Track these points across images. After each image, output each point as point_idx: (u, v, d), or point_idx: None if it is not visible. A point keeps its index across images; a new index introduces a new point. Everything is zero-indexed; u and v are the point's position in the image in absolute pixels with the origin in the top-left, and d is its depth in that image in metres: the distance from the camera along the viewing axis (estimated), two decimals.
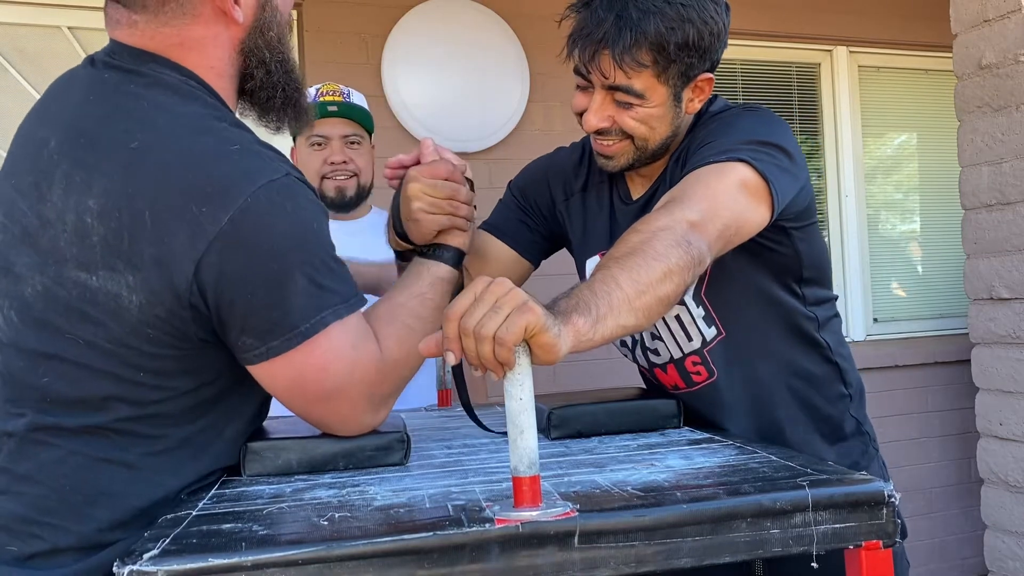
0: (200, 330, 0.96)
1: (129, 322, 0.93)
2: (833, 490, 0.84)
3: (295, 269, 0.96)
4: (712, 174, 1.14)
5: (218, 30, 1.05)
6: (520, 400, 0.80)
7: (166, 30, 1.03)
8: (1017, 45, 2.17)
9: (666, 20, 1.17)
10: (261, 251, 0.94)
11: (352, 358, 1.01)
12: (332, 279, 1.00)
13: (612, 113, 1.25)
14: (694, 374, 1.36)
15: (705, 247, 1.05)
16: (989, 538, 2.36)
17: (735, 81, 3.57)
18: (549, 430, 1.22)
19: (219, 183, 0.93)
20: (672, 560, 0.80)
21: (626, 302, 0.93)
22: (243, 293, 0.94)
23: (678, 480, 0.91)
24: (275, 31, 1.10)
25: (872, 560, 0.84)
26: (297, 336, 0.97)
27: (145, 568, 0.70)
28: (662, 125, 1.26)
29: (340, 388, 1.02)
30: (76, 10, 2.69)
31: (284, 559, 0.73)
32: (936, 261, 3.89)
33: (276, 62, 1.11)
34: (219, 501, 0.93)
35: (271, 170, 0.97)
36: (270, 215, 0.95)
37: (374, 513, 0.83)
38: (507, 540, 0.76)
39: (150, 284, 0.92)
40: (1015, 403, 2.25)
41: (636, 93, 1.22)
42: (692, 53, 1.20)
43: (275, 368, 0.99)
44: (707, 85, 1.28)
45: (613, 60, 1.19)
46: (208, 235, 0.91)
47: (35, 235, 0.96)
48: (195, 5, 1.03)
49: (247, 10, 1.06)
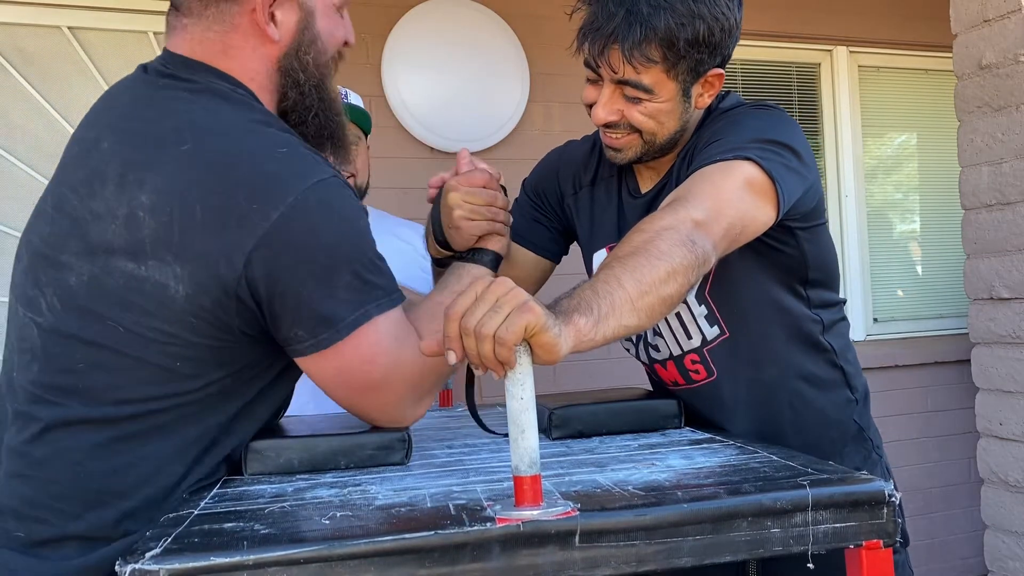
0: (243, 323, 0.99)
1: (174, 311, 0.96)
2: (833, 490, 0.84)
3: (343, 264, 1.00)
4: (718, 172, 1.14)
5: (255, 43, 1.08)
6: (521, 400, 0.80)
7: (210, 35, 1.07)
8: (1017, 45, 2.17)
9: (676, 16, 1.17)
10: (311, 247, 0.98)
11: (396, 351, 1.05)
12: (376, 274, 1.04)
13: (621, 107, 1.25)
14: (692, 372, 1.36)
15: (710, 246, 1.05)
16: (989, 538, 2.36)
17: (735, 81, 3.57)
18: (550, 430, 1.22)
19: (269, 181, 0.97)
20: (673, 559, 0.80)
21: (628, 302, 0.93)
22: (294, 287, 0.98)
23: (679, 480, 0.92)
24: (313, 56, 1.12)
25: (872, 560, 0.84)
26: (345, 328, 1.00)
27: (147, 567, 0.70)
28: (670, 120, 1.26)
29: (385, 379, 1.05)
30: (76, 10, 2.69)
31: (286, 558, 0.73)
32: (936, 261, 3.89)
33: (311, 86, 1.13)
34: (221, 500, 0.93)
35: (319, 171, 1.02)
36: (319, 213, 0.99)
37: (375, 512, 0.84)
38: (508, 539, 0.77)
39: (197, 276, 0.95)
40: (1015, 403, 2.25)
41: (645, 88, 1.22)
42: (702, 49, 1.20)
43: (325, 359, 1.02)
44: (717, 80, 1.28)
45: (623, 55, 1.19)
46: (258, 231, 0.95)
47: (84, 227, 0.99)
48: (234, 15, 1.07)
49: (284, 30, 1.09)
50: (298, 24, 1.10)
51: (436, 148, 2.93)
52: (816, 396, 1.35)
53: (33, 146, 2.67)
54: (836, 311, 1.39)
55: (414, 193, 2.78)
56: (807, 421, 1.35)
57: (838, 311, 1.40)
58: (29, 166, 2.66)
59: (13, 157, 2.65)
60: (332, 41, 1.15)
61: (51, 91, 2.68)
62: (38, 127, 2.67)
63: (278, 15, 1.08)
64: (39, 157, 2.67)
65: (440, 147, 2.92)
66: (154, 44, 2.78)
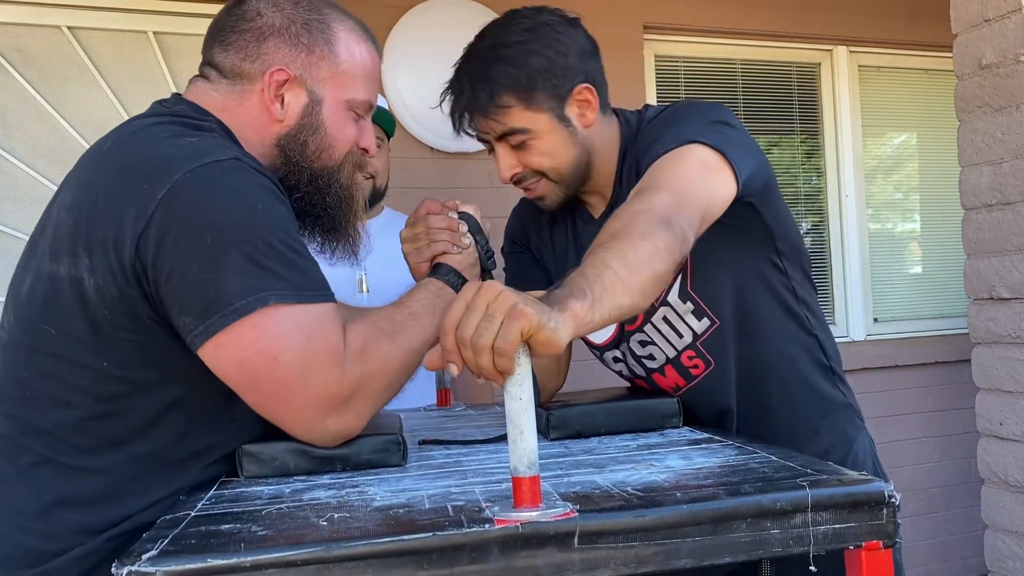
0: (151, 311, 0.96)
1: (91, 305, 0.96)
2: (833, 490, 0.84)
3: (232, 246, 0.94)
4: (672, 160, 1.17)
5: (262, 118, 1.12)
6: (520, 400, 0.80)
7: (217, 96, 1.12)
8: (1017, 45, 2.17)
9: (509, 62, 1.26)
10: (195, 226, 0.94)
11: (306, 350, 0.97)
12: (279, 263, 0.97)
13: (516, 159, 1.32)
14: (692, 368, 1.37)
15: (687, 225, 1.07)
16: (989, 538, 2.36)
17: (735, 81, 3.57)
18: (548, 431, 1.22)
19: (162, 161, 0.96)
20: (672, 560, 0.80)
21: (619, 282, 0.93)
22: (178, 268, 0.93)
23: (678, 480, 0.91)
24: (313, 144, 1.14)
25: (872, 560, 0.84)
26: (233, 312, 0.93)
27: (143, 569, 0.70)
28: (564, 148, 1.32)
29: (294, 380, 0.97)
30: (76, 10, 2.69)
31: (283, 560, 0.72)
32: (936, 261, 3.89)
33: (305, 169, 1.14)
34: (217, 502, 0.93)
35: (218, 153, 0.98)
36: (208, 191, 0.95)
37: (373, 514, 0.83)
38: (507, 540, 0.76)
39: (101, 264, 0.95)
40: (1015, 403, 2.25)
41: (520, 130, 1.29)
42: (548, 76, 1.27)
43: (220, 351, 0.95)
44: (589, 95, 1.32)
45: (483, 116, 1.29)
46: (148, 211, 0.93)
47: (35, 243, 1.04)
48: (244, 90, 1.12)
49: (290, 111, 1.13)
50: (304, 109, 1.13)
51: (436, 148, 2.93)
52: (800, 366, 1.39)
53: (33, 146, 2.66)
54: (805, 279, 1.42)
55: (414, 193, 2.77)
56: (794, 393, 1.38)
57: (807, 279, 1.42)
58: (29, 166, 2.66)
59: (13, 157, 2.65)
60: (341, 138, 1.17)
61: (51, 91, 2.68)
62: (38, 127, 2.67)
63: (287, 97, 1.12)
64: (39, 157, 2.67)
65: (440, 147, 2.92)
66: (154, 44, 2.78)
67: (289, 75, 1.11)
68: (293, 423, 1.01)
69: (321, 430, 1.02)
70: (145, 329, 0.97)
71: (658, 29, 3.34)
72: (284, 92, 1.12)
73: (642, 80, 3.26)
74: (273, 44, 1.11)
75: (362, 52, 1.17)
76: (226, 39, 1.13)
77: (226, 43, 1.13)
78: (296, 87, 1.12)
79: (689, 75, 3.50)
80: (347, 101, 1.16)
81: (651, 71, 3.40)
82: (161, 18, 2.77)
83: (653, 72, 3.41)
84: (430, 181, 2.91)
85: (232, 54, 1.12)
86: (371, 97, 1.20)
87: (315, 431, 1.02)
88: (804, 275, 1.41)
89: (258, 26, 1.11)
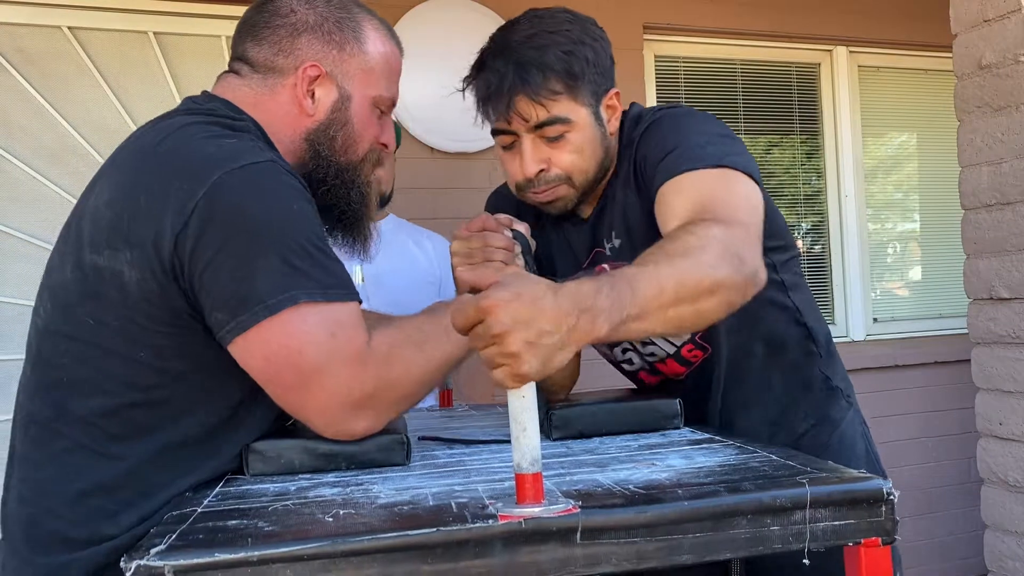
0: (187, 306, 0.99)
1: (131, 298, 0.98)
2: (832, 488, 0.85)
3: (267, 246, 0.97)
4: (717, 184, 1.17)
5: (291, 111, 1.14)
6: (523, 398, 0.80)
7: (249, 91, 1.14)
8: (1017, 45, 2.18)
9: (561, 48, 1.23)
10: (233, 226, 0.96)
11: (330, 346, 0.99)
12: (309, 263, 0.99)
13: (546, 154, 1.27)
14: (691, 358, 1.40)
15: (755, 262, 1.05)
16: (989, 538, 2.37)
17: (735, 81, 3.57)
18: (551, 431, 1.22)
19: (201, 162, 0.98)
20: (673, 556, 0.81)
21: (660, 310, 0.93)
22: (213, 266, 0.96)
23: (679, 479, 0.92)
24: (341, 138, 1.16)
25: (871, 557, 0.84)
26: (263, 310, 0.96)
27: (152, 563, 0.71)
28: (594, 149, 1.29)
29: (318, 375, 0.99)
30: (76, 10, 2.69)
31: (289, 554, 0.73)
32: (936, 261, 3.89)
33: (332, 163, 1.16)
34: (224, 499, 0.93)
35: (255, 155, 1.01)
36: (245, 192, 0.98)
37: (378, 510, 0.84)
38: (510, 536, 0.77)
39: (144, 260, 0.97)
40: (1015, 403, 2.25)
41: (563, 119, 1.25)
42: (594, 69, 1.26)
43: (248, 345, 0.98)
44: (617, 100, 1.33)
45: (530, 100, 1.23)
46: (187, 210, 0.96)
47: (70, 231, 1.05)
48: (277, 85, 1.14)
49: (321, 106, 1.15)
50: (334, 104, 1.16)
51: (436, 148, 2.93)
52: (785, 351, 1.40)
53: (33, 146, 2.67)
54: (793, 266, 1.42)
55: (413, 193, 2.78)
56: (776, 376, 1.40)
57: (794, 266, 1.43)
58: (29, 166, 2.66)
59: (13, 157, 2.65)
60: (366, 134, 1.19)
61: (51, 91, 2.69)
62: (38, 127, 2.68)
63: (318, 92, 1.14)
64: (39, 157, 2.68)
65: (440, 147, 2.93)
66: (154, 44, 2.78)
67: (321, 71, 1.14)
68: (313, 416, 1.03)
69: (339, 426, 1.03)
70: (181, 323, 0.99)
71: (658, 29, 3.35)
72: (315, 87, 1.14)
73: (642, 80, 3.27)
74: (307, 40, 1.14)
75: (389, 50, 1.20)
76: (259, 34, 1.15)
77: (259, 38, 1.15)
78: (327, 82, 1.15)
79: (689, 75, 3.50)
80: (373, 98, 1.19)
81: (651, 71, 3.41)
82: (161, 18, 2.78)
83: (653, 72, 3.42)
84: (430, 182, 2.92)
85: (266, 48, 1.14)
86: (395, 95, 1.23)
87: (333, 426, 1.04)
88: (791, 262, 1.42)
89: (292, 22, 1.14)
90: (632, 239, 1.33)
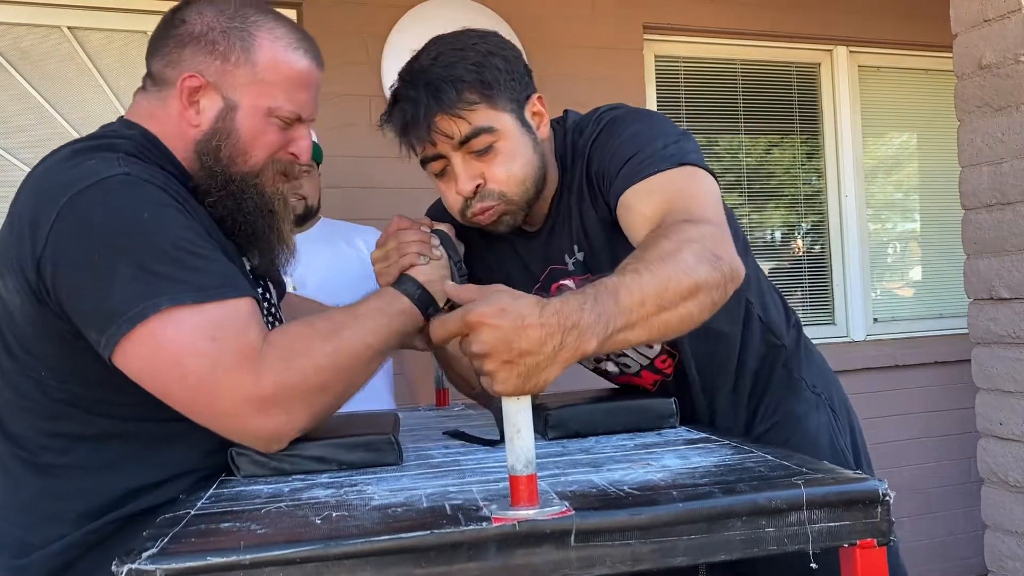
0: (65, 324, 0.99)
1: (18, 323, 1.02)
2: (827, 489, 0.84)
3: (118, 258, 0.96)
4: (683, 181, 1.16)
5: (180, 122, 1.14)
6: (517, 400, 0.80)
7: (146, 104, 1.17)
8: (1017, 45, 2.17)
9: (470, 60, 1.22)
10: (82, 244, 0.97)
11: (212, 352, 0.95)
12: (174, 267, 0.97)
13: (478, 168, 1.24)
14: (664, 368, 1.40)
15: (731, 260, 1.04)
16: (989, 538, 2.36)
17: (735, 81, 3.57)
18: (546, 430, 1.22)
19: (55, 188, 1.00)
20: (668, 558, 0.80)
21: (644, 320, 0.92)
22: (77, 287, 0.97)
23: (674, 479, 0.92)
24: (226, 148, 1.14)
25: (867, 559, 0.84)
26: (125, 323, 0.94)
27: (144, 567, 0.71)
28: (526, 155, 1.25)
29: (204, 383, 0.96)
30: (76, 10, 2.69)
31: (282, 558, 0.73)
32: (936, 261, 3.89)
33: (218, 172, 1.14)
34: (217, 501, 0.93)
35: (107, 171, 1.01)
36: (92, 209, 0.98)
37: (371, 512, 0.84)
38: (504, 539, 0.77)
39: (19, 286, 1.00)
40: (1015, 403, 2.25)
41: (486, 129, 1.22)
42: (508, 76, 1.24)
43: (125, 360, 0.96)
44: (541, 104, 1.30)
45: (448, 116, 1.20)
46: (43, 235, 0.97)
47: None
48: (166, 96, 1.15)
49: (205, 117, 1.14)
50: (218, 114, 1.14)
51: None
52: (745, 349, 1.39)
53: (33, 146, 2.67)
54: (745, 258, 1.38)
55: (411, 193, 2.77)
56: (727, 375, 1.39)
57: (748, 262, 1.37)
58: (29, 166, 2.66)
59: (13, 157, 2.65)
60: (258, 144, 1.16)
61: (51, 91, 2.69)
62: (38, 127, 2.68)
63: (202, 102, 1.14)
64: (39, 157, 2.66)
65: None
66: None
67: (202, 81, 1.13)
68: (218, 426, 1.00)
69: (247, 431, 1.00)
70: (67, 342, 1.01)
71: (658, 29, 3.35)
72: (200, 97, 1.13)
73: (642, 80, 3.27)
74: (190, 51, 1.13)
75: (288, 61, 1.16)
76: (156, 46, 1.17)
77: (156, 50, 1.17)
78: (211, 92, 1.13)
79: (689, 75, 3.50)
80: (268, 108, 1.15)
81: (651, 71, 3.40)
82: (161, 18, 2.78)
83: (653, 72, 3.41)
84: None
85: (158, 60, 1.16)
86: (298, 106, 1.18)
87: (242, 433, 1.01)
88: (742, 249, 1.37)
89: (180, 33, 1.14)
90: (594, 251, 1.31)
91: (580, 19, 3.12)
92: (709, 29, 3.41)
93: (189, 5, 1.16)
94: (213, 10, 1.14)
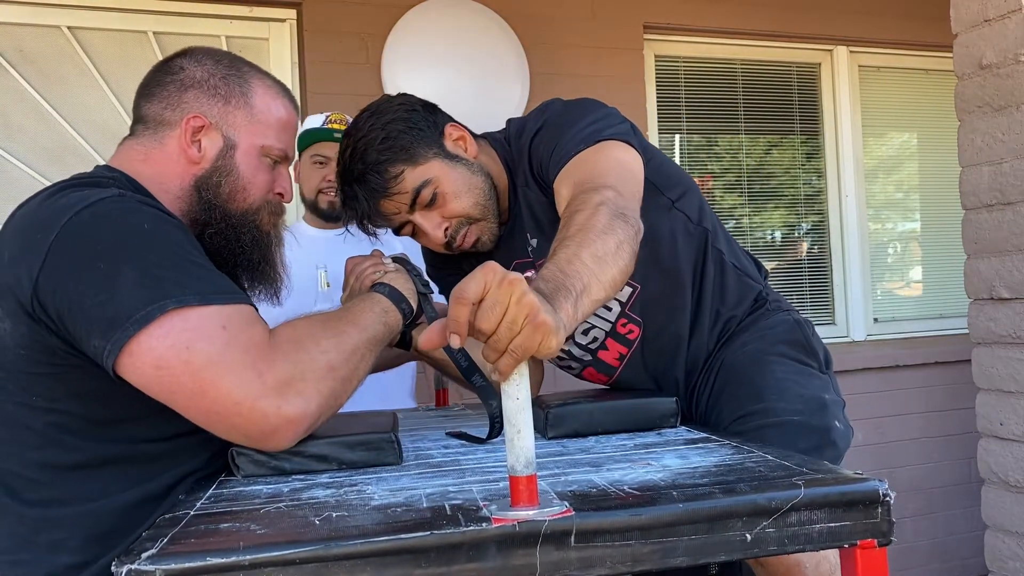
0: (60, 342, 1.01)
1: (10, 347, 1.03)
2: (828, 489, 0.84)
3: (125, 265, 0.98)
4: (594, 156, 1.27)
5: (181, 160, 1.19)
6: (517, 400, 0.80)
7: (138, 148, 1.20)
8: (1017, 45, 2.17)
9: (375, 142, 1.35)
10: (86, 256, 0.99)
11: (222, 337, 0.97)
12: (178, 273, 0.99)
13: (437, 217, 1.38)
14: (628, 334, 1.44)
15: (636, 215, 1.14)
16: (989, 538, 2.36)
17: (735, 81, 3.57)
18: (546, 429, 1.22)
19: (52, 213, 1.03)
20: (668, 559, 0.80)
21: (594, 278, 0.98)
22: (76, 298, 0.98)
23: (674, 479, 0.92)
24: (227, 184, 1.21)
25: (867, 559, 0.84)
26: (133, 324, 0.95)
27: (143, 567, 0.70)
28: (469, 181, 1.39)
29: (213, 366, 0.96)
30: (76, 10, 2.70)
31: (282, 558, 0.73)
32: (936, 261, 3.89)
33: (218, 207, 1.20)
34: (217, 501, 0.93)
35: (103, 194, 1.05)
36: (94, 224, 1.01)
37: (371, 512, 0.84)
38: (504, 539, 0.77)
39: (10, 307, 1.01)
40: (1015, 403, 2.25)
41: (423, 184, 1.35)
42: (412, 130, 1.37)
43: (133, 361, 0.96)
44: (458, 131, 1.42)
45: (387, 198, 1.36)
46: (42, 253, 0.99)
47: None
48: (164, 136, 1.20)
49: (206, 154, 1.20)
50: (219, 152, 1.20)
51: None
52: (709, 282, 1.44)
53: (33, 146, 2.67)
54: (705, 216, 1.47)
55: None
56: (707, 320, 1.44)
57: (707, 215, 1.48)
58: (29, 166, 2.66)
59: (13, 157, 2.65)
60: (255, 182, 1.23)
61: (51, 91, 2.69)
62: (38, 127, 2.68)
63: (204, 142, 1.20)
64: (39, 157, 2.68)
65: None
66: (154, 44, 2.78)
67: (205, 121, 1.20)
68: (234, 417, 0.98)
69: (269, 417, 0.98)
70: (61, 361, 1.01)
71: (658, 29, 3.35)
72: (201, 137, 1.20)
73: (642, 80, 3.27)
74: (193, 94, 1.20)
75: (277, 106, 1.26)
76: (151, 92, 1.22)
77: (151, 95, 1.22)
78: (212, 132, 1.20)
79: (689, 75, 3.50)
80: (262, 147, 1.23)
81: (651, 71, 3.40)
82: (161, 18, 2.78)
83: (653, 72, 3.41)
84: None
85: (156, 104, 1.21)
86: (286, 147, 1.27)
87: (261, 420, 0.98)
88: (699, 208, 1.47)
89: (180, 79, 1.21)
90: (547, 237, 1.38)
91: (580, 19, 3.12)
92: (709, 29, 3.41)
93: (185, 55, 1.24)
94: (211, 59, 1.23)
